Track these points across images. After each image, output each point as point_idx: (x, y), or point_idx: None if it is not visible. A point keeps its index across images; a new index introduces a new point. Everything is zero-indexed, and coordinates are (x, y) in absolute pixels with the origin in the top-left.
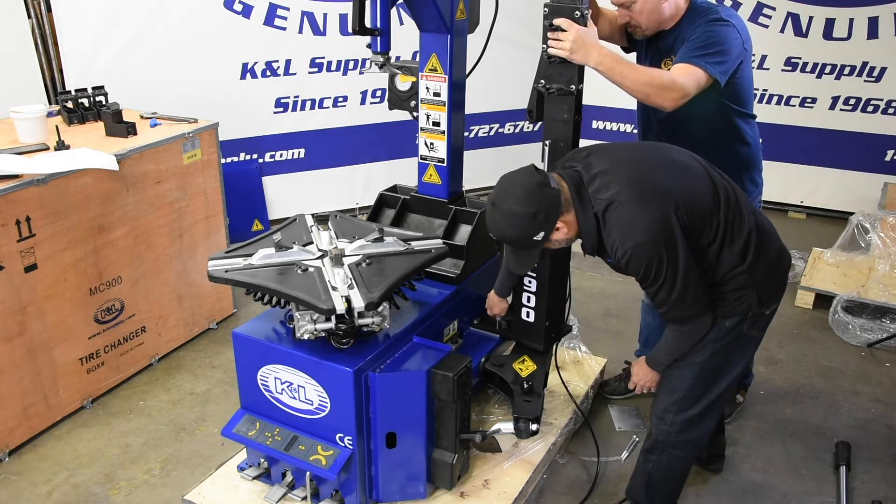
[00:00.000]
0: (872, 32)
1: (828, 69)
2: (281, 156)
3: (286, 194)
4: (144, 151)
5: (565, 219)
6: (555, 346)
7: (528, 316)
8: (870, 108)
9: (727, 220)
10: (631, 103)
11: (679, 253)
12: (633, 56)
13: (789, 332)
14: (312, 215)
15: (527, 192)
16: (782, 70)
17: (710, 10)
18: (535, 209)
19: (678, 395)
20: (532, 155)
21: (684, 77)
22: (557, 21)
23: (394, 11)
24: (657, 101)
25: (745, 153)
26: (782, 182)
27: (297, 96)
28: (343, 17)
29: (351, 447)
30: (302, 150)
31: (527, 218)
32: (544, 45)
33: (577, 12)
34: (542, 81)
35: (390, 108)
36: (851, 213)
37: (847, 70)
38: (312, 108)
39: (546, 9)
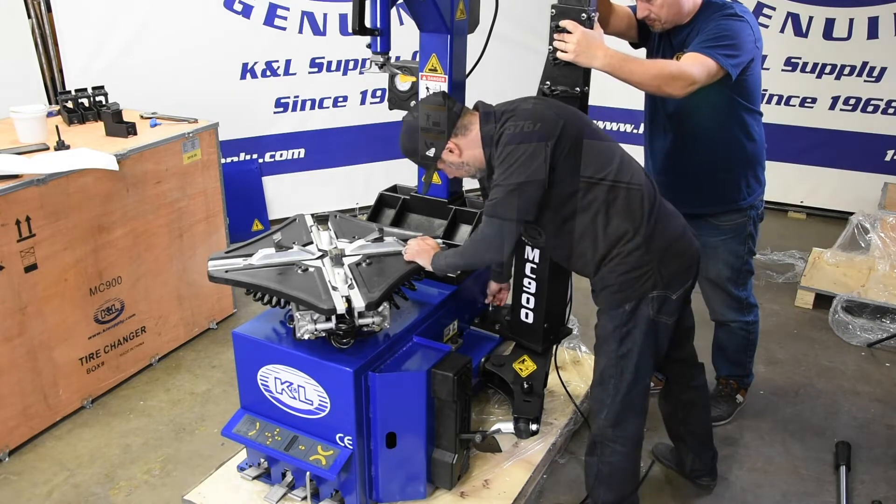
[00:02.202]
0: (872, 32)
1: (828, 69)
2: (281, 156)
3: (286, 194)
4: (144, 151)
5: (459, 142)
6: (554, 347)
7: (526, 317)
8: (870, 108)
9: (617, 178)
10: (630, 103)
11: (541, 154)
12: (642, 52)
13: (789, 332)
14: (312, 215)
15: (428, 111)
16: (782, 70)
17: (725, 6)
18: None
19: (607, 388)
20: None
21: (693, 65)
22: (563, 23)
23: (394, 11)
24: (667, 91)
25: (750, 149)
26: (782, 182)
27: (297, 96)
28: (343, 17)
29: (351, 447)
30: (302, 150)
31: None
32: (551, 47)
33: (583, 14)
34: (548, 83)
35: (390, 108)
36: (851, 213)
37: (847, 70)
38: (312, 108)
39: (553, 10)
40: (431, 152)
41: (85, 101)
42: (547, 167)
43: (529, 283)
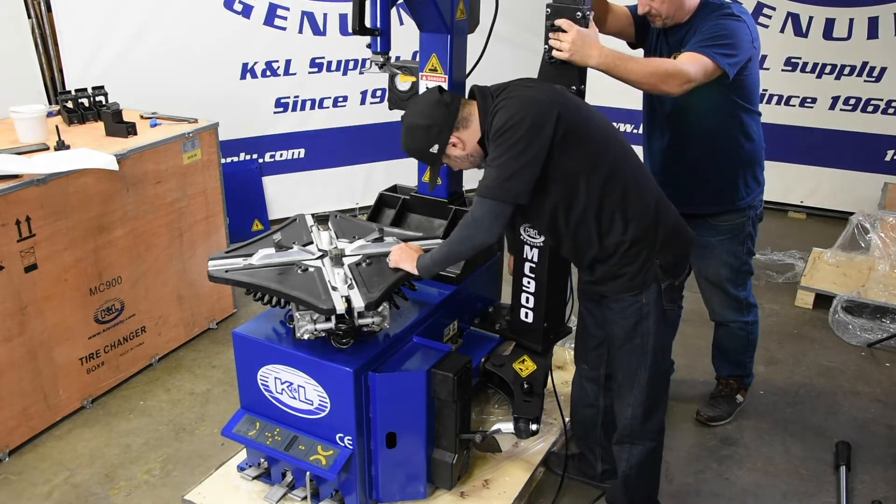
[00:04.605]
0: (872, 32)
1: (828, 69)
2: (281, 156)
3: (286, 194)
4: (144, 151)
5: (461, 135)
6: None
7: (526, 317)
8: (870, 108)
9: (615, 169)
10: (630, 103)
11: (537, 139)
12: (640, 53)
13: (789, 332)
14: (312, 215)
15: (426, 108)
16: (782, 70)
17: (723, 5)
18: (430, 122)
19: (634, 385)
20: None
21: (690, 64)
22: (558, 22)
23: (394, 11)
24: (663, 89)
25: (749, 149)
26: (782, 182)
27: (297, 96)
28: (343, 17)
29: (351, 447)
30: (302, 150)
31: (422, 129)
32: (546, 46)
33: (578, 13)
34: None
35: (390, 108)
36: (851, 213)
37: (847, 70)
38: (312, 108)
39: (548, 9)
40: (435, 149)
41: (85, 101)
42: (541, 152)
43: (529, 283)
